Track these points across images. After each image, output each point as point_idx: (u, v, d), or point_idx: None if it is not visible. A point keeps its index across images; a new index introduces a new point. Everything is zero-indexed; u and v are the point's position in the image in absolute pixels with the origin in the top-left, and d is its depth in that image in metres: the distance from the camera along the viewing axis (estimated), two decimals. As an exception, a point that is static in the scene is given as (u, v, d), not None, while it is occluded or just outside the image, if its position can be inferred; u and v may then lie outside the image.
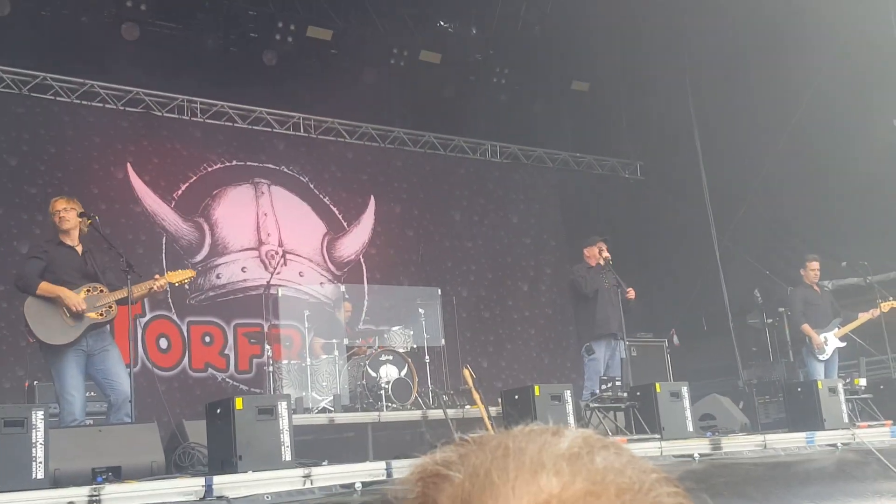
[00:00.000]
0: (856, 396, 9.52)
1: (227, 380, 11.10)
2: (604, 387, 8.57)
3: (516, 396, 8.15)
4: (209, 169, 11.82)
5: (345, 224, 12.65)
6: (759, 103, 12.84)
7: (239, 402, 6.03)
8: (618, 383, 8.62)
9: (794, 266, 11.04)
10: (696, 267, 13.58)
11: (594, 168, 15.10)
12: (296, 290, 11.62)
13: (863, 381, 9.74)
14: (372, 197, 12.93)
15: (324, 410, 9.11)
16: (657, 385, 8.47)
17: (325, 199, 12.57)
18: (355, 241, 12.69)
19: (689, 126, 13.41)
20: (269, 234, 11.88)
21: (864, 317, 10.38)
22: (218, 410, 6.15)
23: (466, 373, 8.76)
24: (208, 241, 11.55)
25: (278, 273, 11.04)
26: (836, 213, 12.23)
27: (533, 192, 14.50)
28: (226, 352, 11.22)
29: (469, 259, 13.56)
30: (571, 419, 8.09)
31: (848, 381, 9.74)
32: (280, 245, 11.85)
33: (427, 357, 10.08)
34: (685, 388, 8.65)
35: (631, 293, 9.58)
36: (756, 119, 13.01)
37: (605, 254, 9.60)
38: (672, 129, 13.93)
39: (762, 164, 13.05)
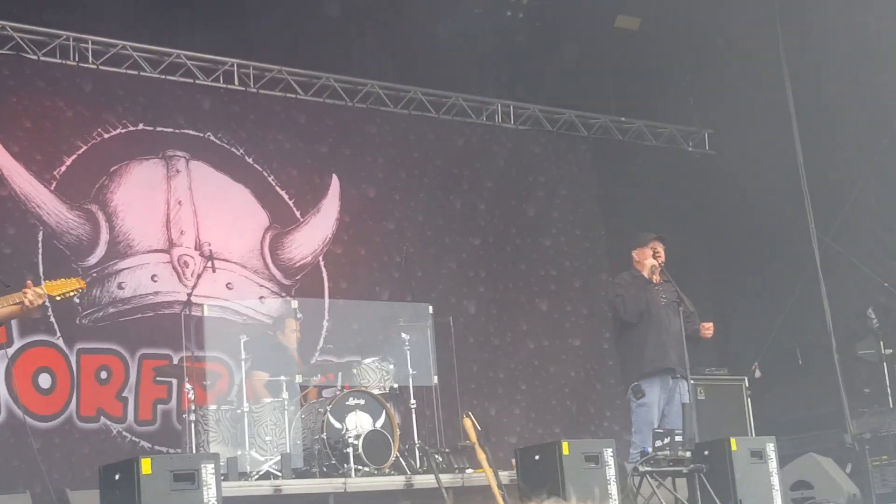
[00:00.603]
0: None
1: (125, 433, 11.07)
2: (658, 443, 8.59)
3: (537, 457, 8.20)
4: (105, 136, 11.75)
5: (297, 213, 12.64)
6: (877, 55, 12.86)
7: (147, 465, 6.02)
8: (678, 438, 8.65)
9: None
10: (788, 278, 13.60)
11: (645, 138, 15.11)
12: (224, 308, 11.59)
13: None
14: (335, 176, 12.93)
15: (267, 476, 9.05)
16: (733, 441, 8.51)
17: (270, 179, 12.54)
18: (312, 237, 12.66)
19: (780, 84, 13.42)
20: (183, 232, 11.83)
21: None
22: (117, 476, 6.14)
23: (468, 423, 8.75)
24: (105, 237, 11.49)
25: (195, 286, 10.98)
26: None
27: (559, 172, 14.51)
28: (124, 394, 11.20)
29: (473, 265, 13.56)
30: (614, 489, 8.12)
31: None
32: (197, 247, 11.81)
33: (413, 401, 10.02)
34: (771, 444, 8.69)
35: (708, 329, 9.62)
36: (871, 78, 13.04)
37: (662, 257, 9.62)
38: (755, 87, 13.94)
39: (878, 140, 13.06)
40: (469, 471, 9.44)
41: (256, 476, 9.06)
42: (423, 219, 13.39)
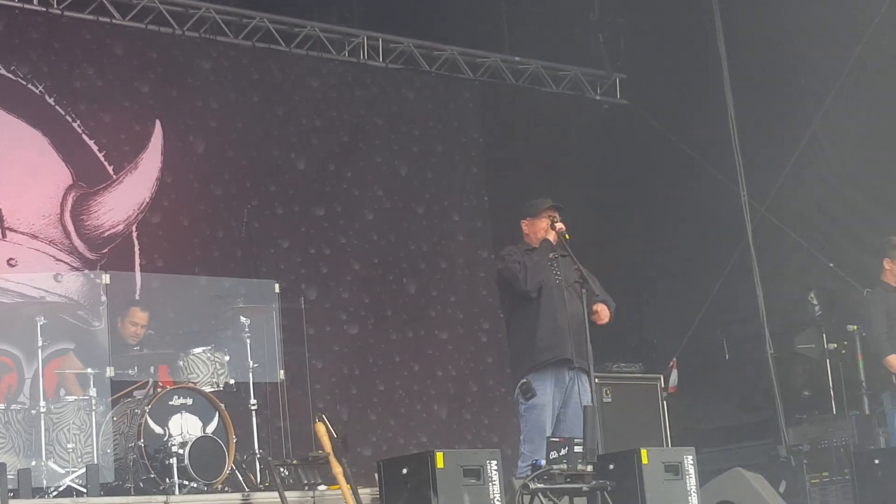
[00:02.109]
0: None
1: None
2: (554, 454, 8.65)
3: (404, 470, 8.20)
4: None
5: (110, 169, 12.49)
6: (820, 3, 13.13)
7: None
8: (577, 448, 8.71)
9: (875, 256, 11.33)
10: (715, 255, 13.85)
11: (543, 82, 15.22)
12: (4, 290, 11.39)
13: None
14: (158, 123, 12.80)
15: (69, 492, 8.97)
16: (643, 452, 8.58)
17: (76, 125, 12.38)
18: (127, 199, 12.52)
19: (710, 24, 13.55)
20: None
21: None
22: None
23: (321, 429, 8.75)
24: None
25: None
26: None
27: (437, 122, 14.56)
28: None
29: (323, 237, 13.53)
30: (498, 510, 8.18)
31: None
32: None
33: (254, 401, 10.03)
34: (690, 457, 8.78)
35: (602, 314, 9.63)
36: (814, 23, 13.28)
37: (560, 225, 9.66)
38: (679, 27, 14.12)
39: (823, 95, 13.32)
40: (322, 487, 9.46)
41: (55, 493, 8.97)
42: (267, 178, 13.24)
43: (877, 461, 9.82)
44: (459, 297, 14.07)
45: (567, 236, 9.61)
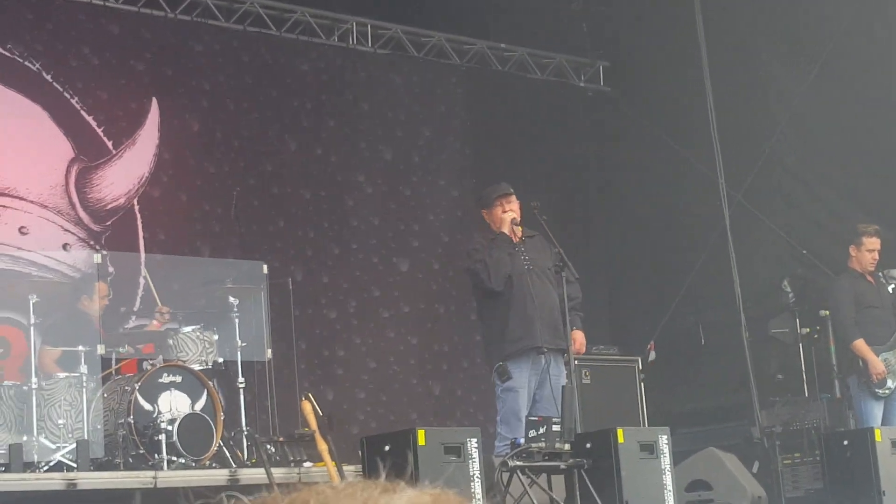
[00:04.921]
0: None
1: None
2: (532, 432, 8.71)
3: (387, 447, 8.26)
4: None
5: (109, 144, 12.51)
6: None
7: None
8: (556, 427, 8.78)
9: (846, 243, 11.43)
10: (693, 241, 13.90)
11: (528, 69, 15.25)
12: (16, 258, 11.44)
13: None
14: (154, 101, 12.79)
15: (59, 467, 9.00)
16: (620, 432, 8.66)
17: (74, 102, 12.37)
18: (126, 174, 12.51)
19: (690, 13, 13.57)
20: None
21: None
22: None
23: (308, 407, 8.80)
24: None
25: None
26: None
27: (424, 107, 14.56)
28: None
29: (311, 218, 13.54)
30: (478, 486, 8.24)
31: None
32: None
33: (241, 379, 10.07)
34: (665, 437, 8.87)
35: (577, 343, 9.66)
36: (788, 21, 13.33)
37: (511, 215, 9.60)
38: (661, 15, 14.13)
39: (797, 85, 13.38)
40: (308, 464, 9.50)
41: (46, 467, 9.01)
42: (258, 160, 13.25)
43: (845, 442, 9.92)
44: (457, 273, 14.01)
45: (519, 225, 9.63)
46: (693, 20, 13.29)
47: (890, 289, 11.34)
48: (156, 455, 9.11)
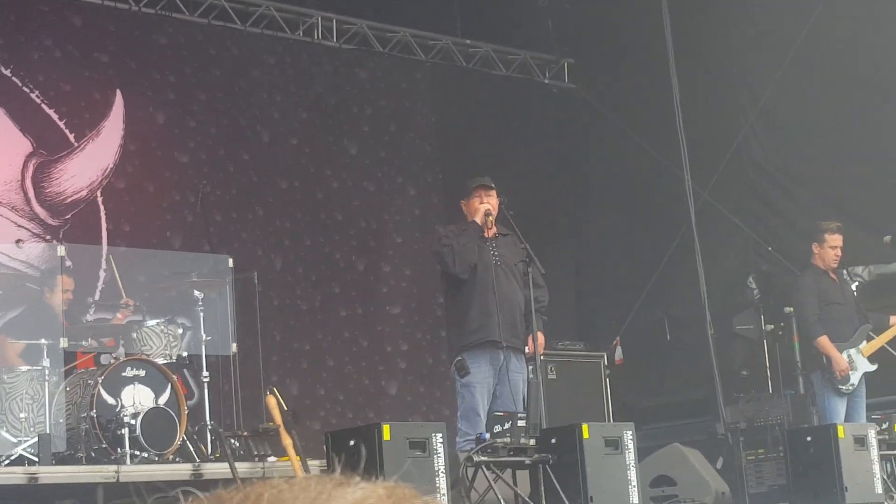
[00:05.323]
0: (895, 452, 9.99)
1: None
2: (498, 427, 8.72)
3: (352, 442, 8.25)
4: None
5: (71, 137, 12.44)
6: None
7: None
8: (521, 423, 8.78)
9: (811, 240, 11.46)
10: (659, 238, 13.93)
11: (493, 65, 15.25)
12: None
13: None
14: (119, 92, 12.74)
15: (21, 461, 8.95)
16: (584, 427, 8.67)
17: (34, 96, 12.30)
18: (89, 166, 12.43)
19: (656, 10, 13.60)
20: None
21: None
22: None
23: (272, 402, 8.77)
24: None
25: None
26: (877, 161, 12.69)
27: (390, 102, 14.55)
28: None
29: (280, 211, 13.52)
30: (443, 481, 8.24)
31: (886, 426, 10.18)
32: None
33: (206, 373, 10.02)
34: (630, 432, 8.89)
35: (540, 342, 9.65)
36: (756, 18, 13.36)
37: (485, 206, 9.63)
38: (626, 12, 14.16)
39: (764, 82, 13.42)
40: (272, 459, 9.46)
41: (7, 461, 8.94)
42: (226, 153, 13.27)
43: (808, 438, 9.98)
44: (414, 272, 14.06)
45: (491, 217, 9.65)
46: (659, 16, 13.32)
47: (854, 286, 11.40)
48: (119, 449, 9.04)
